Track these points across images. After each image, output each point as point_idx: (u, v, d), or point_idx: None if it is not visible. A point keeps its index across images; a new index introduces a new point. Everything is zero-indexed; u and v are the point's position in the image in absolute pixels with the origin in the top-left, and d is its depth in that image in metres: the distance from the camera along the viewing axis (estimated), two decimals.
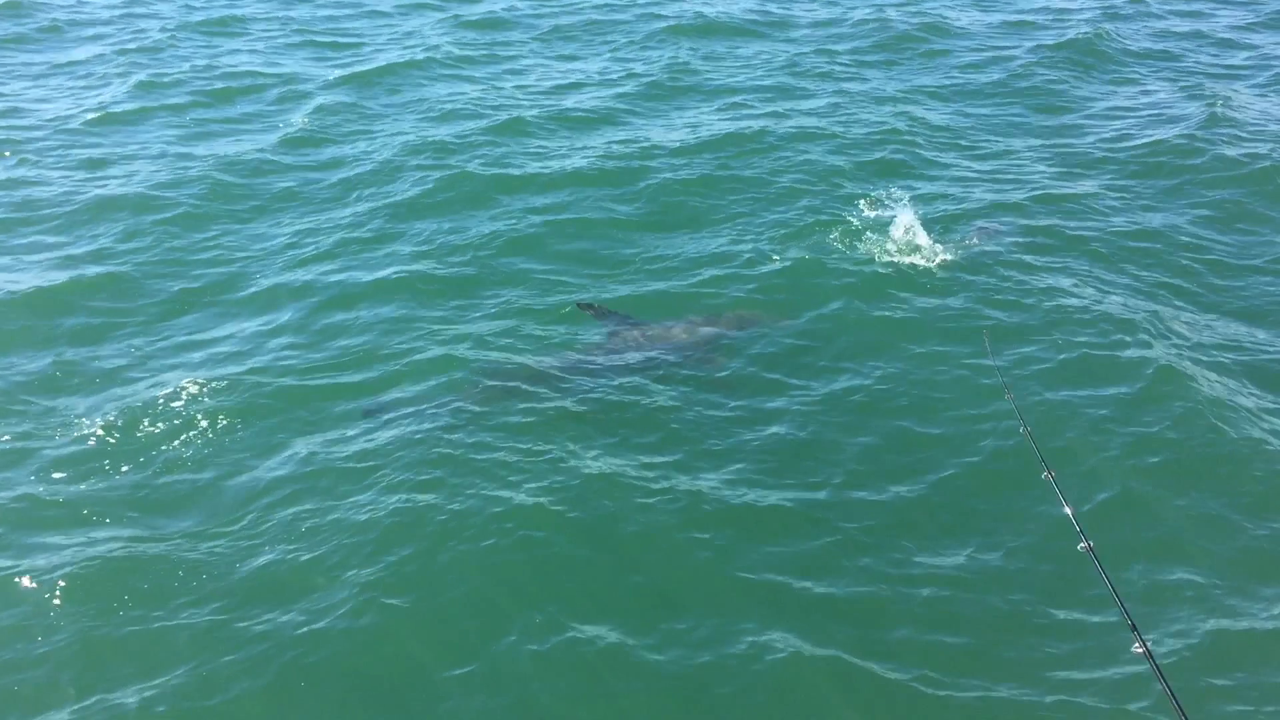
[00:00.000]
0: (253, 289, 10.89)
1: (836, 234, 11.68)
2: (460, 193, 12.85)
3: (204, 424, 8.66)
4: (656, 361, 9.48)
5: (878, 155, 13.64)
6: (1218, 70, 17.23)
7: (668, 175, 13.09)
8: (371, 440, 8.46)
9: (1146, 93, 16.16)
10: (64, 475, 8.13)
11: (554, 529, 7.48)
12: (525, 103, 15.61)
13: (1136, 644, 4.18)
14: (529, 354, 9.65)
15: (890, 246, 11.29)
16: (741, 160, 13.58)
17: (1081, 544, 4.51)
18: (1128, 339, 9.63)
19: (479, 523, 7.52)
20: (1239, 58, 17.91)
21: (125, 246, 11.59)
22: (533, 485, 7.85)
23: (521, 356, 9.59)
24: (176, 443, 8.48)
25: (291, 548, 7.38)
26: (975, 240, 11.59)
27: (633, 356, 9.54)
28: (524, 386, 9.10)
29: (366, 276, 11.02)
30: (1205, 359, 9.45)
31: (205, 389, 9.04)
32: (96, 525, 7.66)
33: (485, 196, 12.77)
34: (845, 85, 16.38)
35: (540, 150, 14.00)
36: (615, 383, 9.22)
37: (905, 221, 11.50)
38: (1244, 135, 14.25)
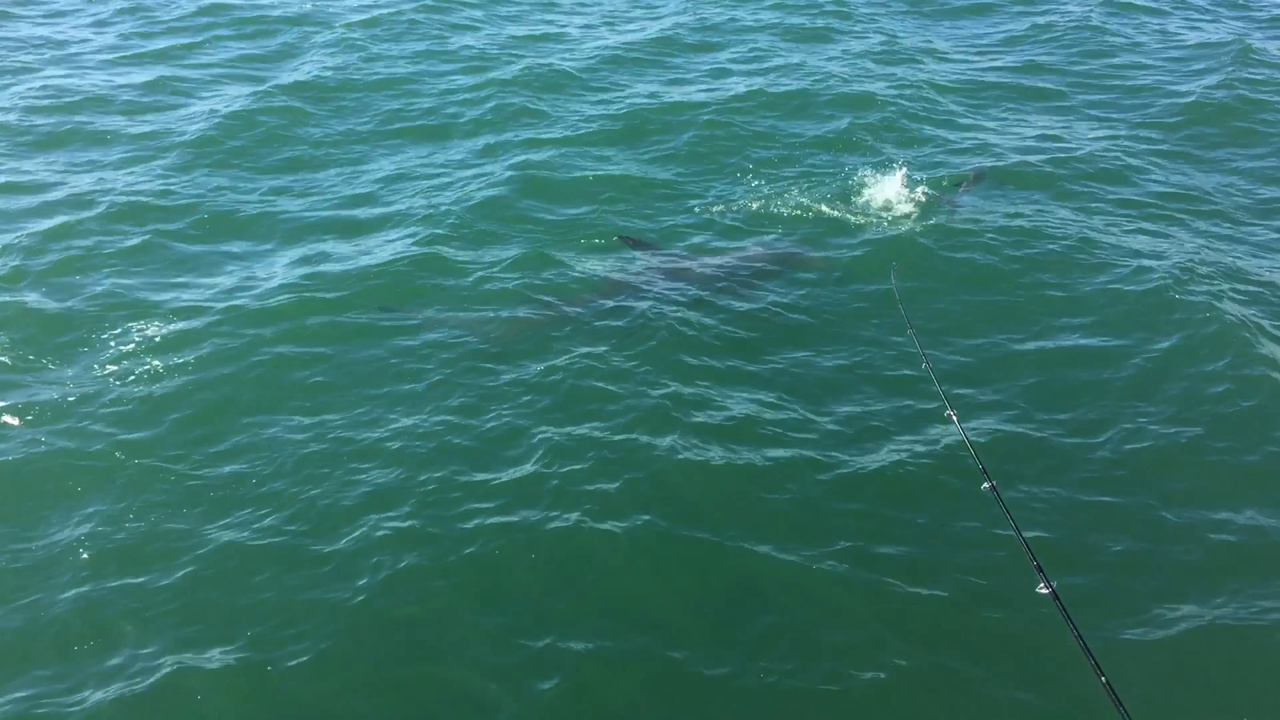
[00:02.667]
0: (262, 229, 10.95)
1: (849, 184, 11.71)
2: (486, 135, 12.90)
3: (225, 352, 8.81)
4: (687, 292, 9.69)
5: (894, 107, 13.53)
6: (1244, 19, 16.82)
7: (686, 125, 13.12)
8: (401, 368, 8.67)
9: (1173, 45, 15.82)
10: (80, 401, 8.26)
11: (572, 452, 7.64)
12: (534, 55, 15.43)
13: (1042, 584, 4.25)
14: (561, 284, 9.85)
15: (903, 195, 11.35)
16: (758, 112, 13.52)
17: (986, 484, 4.56)
18: (1110, 279, 9.85)
19: (500, 449, 7.71)
20: (1270, 11, 17.44)
21: (120, 185, 11.70)
22: (553, 413, 8.07)
23: (548, 292, 9.73)
24: (199, 368, 8.62)
25: (309, 472, 7.55)
26: (970, 188, 11.61)
27: (662, 286, 9.76)
28: (551, 314, 9.33)
29: (390, 215, 11.10)
30: (1179, 292, 9.52)
31: (221, 320, 9.21)
32: (115, 450, 7.78)
33: (508, 141, 12.79)
34: (863, 39, 16.16)
35: (552, 103, 13.91)
36: (640, 311, 9.36)
37: (908, 173, 11.57)
38: (1271, 88, 13.99)
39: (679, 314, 9.33)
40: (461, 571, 6.74)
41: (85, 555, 6.91)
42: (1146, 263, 10.08)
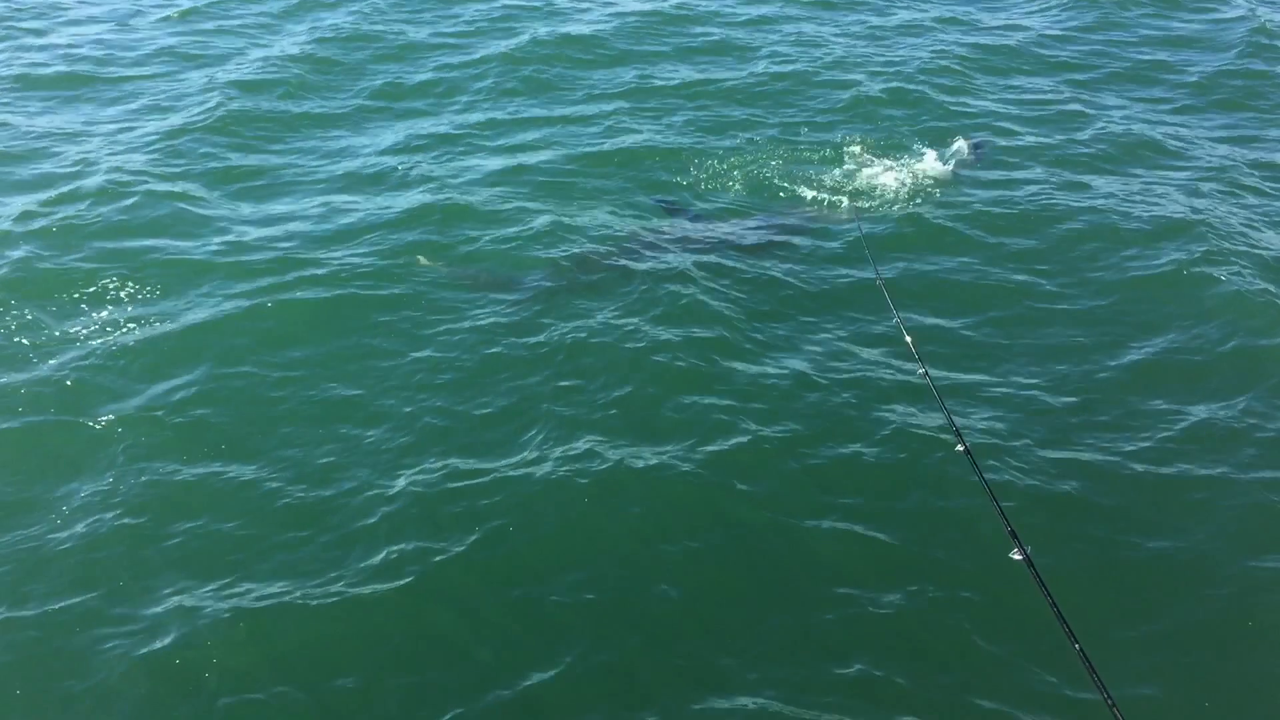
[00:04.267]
0: (263, 193, 10.93)
1: (853, 154, 11.66)
2: (492, 105, 12.86)
3: (226, 310, 8.86)
4: (689, 259, 9.76)
5: (903, 77, 13.43)
6: None
7: (694, 95, 13.07)
8: (408, 329, 8.74)
9: (1188, 19, 15.58)
10: (76, 358, 8.35)
11: (574, 421, 7.68)
12: (540, 25, 15.20)
13: (1015, 550, 4.22)
14: (567, 251, 9.86)
15: (906, 166, 11.34)
16: (767, 82, 13.39)
17: (959, 446, 4.53)
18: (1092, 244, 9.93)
19: (501, 417, 7.78)
20: None
21: (120, 147, 11.67)
22: (553, 381, 8.14)
23: (550, 261, 9.74)
24: (199, 325, 8.68)
25: (307, 432, 7.64)
26: (973, 158, 11.55)
27: (668, 254, 9.86)
28: (552, 283, 9.39)
29: (398, 181, 11.11)
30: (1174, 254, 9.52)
31: (222, 278, 9.31)
32: (109, 408, 7.85)
33: (514, 111, 12.75)
34: (874, 8, 15.97)
35: (558, 74, 13.80)
36: (642, 278, 9.43)
37: (913, 144, 11.61)
38: None
39: (679, 282, 9.34)
40: (462, 536, 6.75)
41: (80, 514, 6.96)
42: (1152, 236, 9.99)
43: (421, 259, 9.59)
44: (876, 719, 5.65)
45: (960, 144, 11.65)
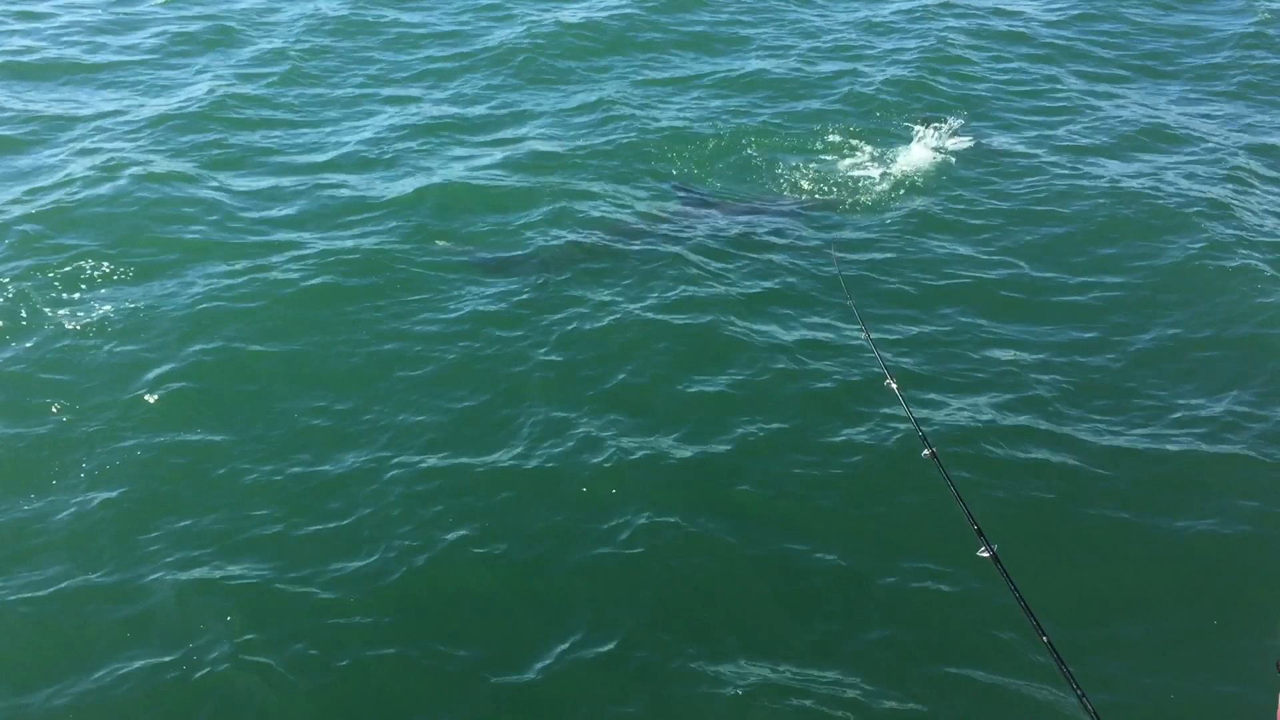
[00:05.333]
0: (267, 177, 10.94)
1: (855, 146, 11.69)
2: (495, 94, 12.83)
3: (226, 291, 8.94)
4: (705, 237, 9.89)
5: (912, 66, 13.40)
6: None
7: (699, 87, 13.09)
8: (416, 312, 8.82)
9: (1189, 7, 15.50)
10: (72, 338, 8.41)
11: (568, 417, 7.73)
12: (546, 12, 15.10)
13: (983, 549, 4.25)
14: (574, 237, 9.94)
15: (907, 157, 11.35)
16: (773, 70, 13.35)
17: (925, 451, 4.56)
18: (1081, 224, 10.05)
19: (498, 404, 7.86)
20: None
21: (115, 134, 11.66)
22: (547, 370, 8.22)
23: (552, 247, 9.82)
24: (197, 310, 8.76)
25: (304, 419, 7.70)
26: (965, 145, 11.54)
27: (699, 227, 10.04)
28: (586, 261, 9.52)
29: (404, 169, 11.14)
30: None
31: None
32: (105, 387, 7.93)
33: (522, 99, 12.75)
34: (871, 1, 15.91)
35: (567, 61, 13.70)
36: (659, 255, 9.55)
37: (916, 135, 11.62)
38: None
39: (674, 268, 9.42)
40: (457, 521, 6.80)
41: (66, 497, 7.01)
42: (1151, 225, 9.96)
43: (440, 241, 9.67)
44: (872, 696, 5.73)
45: (957, 132, 11.62)
